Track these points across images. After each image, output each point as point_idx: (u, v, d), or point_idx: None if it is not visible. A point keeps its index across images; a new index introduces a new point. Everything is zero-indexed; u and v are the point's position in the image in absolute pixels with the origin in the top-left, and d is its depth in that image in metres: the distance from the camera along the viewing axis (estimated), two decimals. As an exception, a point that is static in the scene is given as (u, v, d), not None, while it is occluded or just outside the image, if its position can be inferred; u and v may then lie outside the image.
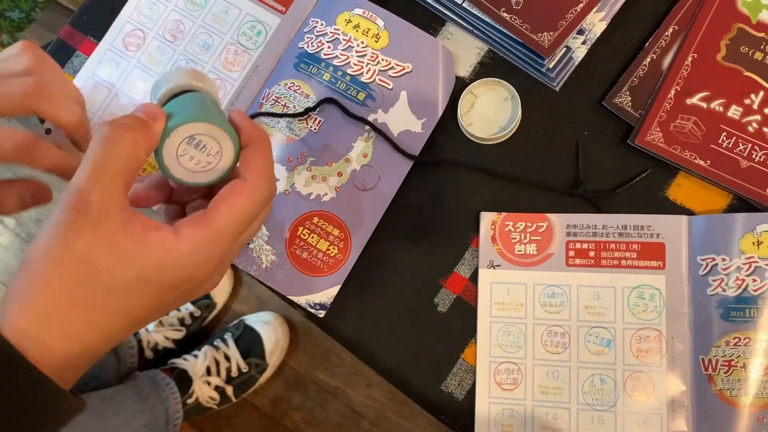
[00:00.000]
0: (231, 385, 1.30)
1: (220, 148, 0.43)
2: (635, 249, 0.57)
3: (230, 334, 1.32)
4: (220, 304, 1.40)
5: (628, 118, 0.59)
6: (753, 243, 0.55)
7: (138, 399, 1.10)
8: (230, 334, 1.32)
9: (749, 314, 0.54)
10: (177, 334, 1.33)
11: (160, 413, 1.13)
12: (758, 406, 0.53)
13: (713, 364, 0.54)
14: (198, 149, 0.42)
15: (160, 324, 1.32)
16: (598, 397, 0.56)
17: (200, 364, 1.27)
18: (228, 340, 1.31)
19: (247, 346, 1.32)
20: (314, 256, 0.61)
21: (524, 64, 0.61)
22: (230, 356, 1.30)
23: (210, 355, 1.29)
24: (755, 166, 0.57)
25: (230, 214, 0.40)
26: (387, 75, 0.62)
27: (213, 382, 1.28)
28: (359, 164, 0.62)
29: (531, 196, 0.60)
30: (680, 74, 0.59)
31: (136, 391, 1.11)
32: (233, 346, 1.30)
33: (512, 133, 0.61)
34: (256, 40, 0.64)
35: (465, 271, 0.60)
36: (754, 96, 0.58)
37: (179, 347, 1.34)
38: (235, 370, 1.29)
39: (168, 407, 1.15)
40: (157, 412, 1.12)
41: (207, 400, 1.28)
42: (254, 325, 1.34)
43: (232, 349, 1.30)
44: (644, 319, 0.56)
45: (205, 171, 0.43)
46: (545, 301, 0.58)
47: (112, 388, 1.08)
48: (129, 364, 1.25)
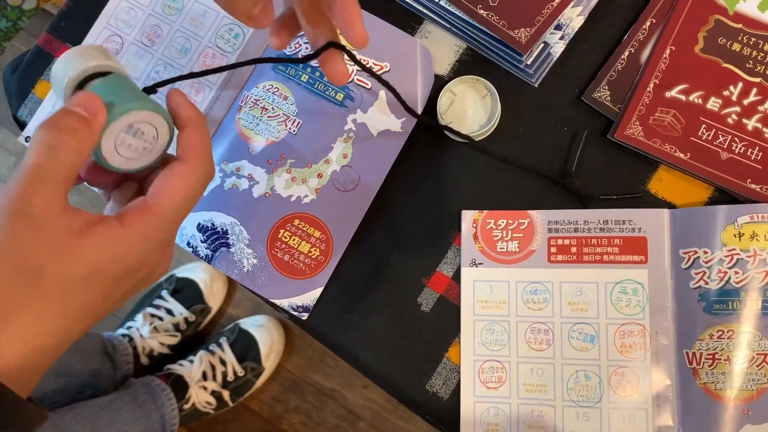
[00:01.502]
0: (227, 389, 1.29)
1: (157, 132, 0.42)
2: (617, 244, 0.57)
3: (225, 338, 1.32)
4: (215, 308, 1.39)
5: (608, 113, 0.59)
6: (734, 235, 0.54)
7: (134, 407, 1.09)
8: (225, 338, 1.32)
9: (732, 306, 0.54)
10: (172, 339, 1.33)
11: (156, 420, 1.12)
12: (743, 399, 0.53)
13: (697, 358, 0.54)
14: (136, 137, 0.41)
15: (155, 330, 1.31)
16: (582, 394, 0.56)
17: (196, 369, 1.27)
18: (223, 345, 1.31)
19: (242, 350, 1.31)
20: (296, 258, 0.61)
21: (503, 61, 0.61)
22: (226, 360, 1.29)
23: (206, 360, 1.28)
24: (735, 158, 0.56)
25: (173, 197, 0.39)
26: (365, 75, 0.62)
27: (209, 386, 1.27)
28: (339, 165, 0.61)
29: (512, 194, 0.60)
30: (658, 67, 0.58)
31: (131, 398, 1.10)
32: (228, 350, 1.30)
33: (492, 131, 0.61)
34: (234, 43, 0.64)
35: (448, 270, 0.60)
36: (733, 87, 0.58)
37: (175, 353, 1.34)
38: (231, 375, 1.29)
39: (164, 414, 1.14)
40: (153, 419, 1.11)
41: (204, 405, 1.27)
42: (249, 328, 1.34)
43: (228, 354, 1.30)
44: (627, 314, 0.56)
45: (141, 157, 0.42)
46: (528, 298, 0.58)
47: (107, 397, 1.07)
48: (125, 371, 1.25)
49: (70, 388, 1.07)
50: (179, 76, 0.50)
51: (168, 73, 0.64)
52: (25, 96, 0.67)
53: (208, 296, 1.37)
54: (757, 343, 0.53)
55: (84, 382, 1.11)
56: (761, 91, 0.57)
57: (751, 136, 0.57)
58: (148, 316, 1.32)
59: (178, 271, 1.40)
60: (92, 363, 1.13)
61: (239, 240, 0.61)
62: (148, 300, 1.36)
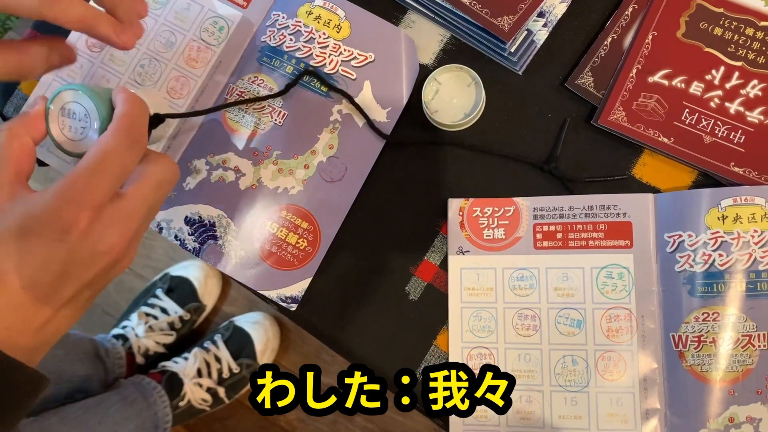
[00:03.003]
0: (223, 386, 1.29)
1: (86, 110, 0.46)
2: (602, 229, 0.57)
3: (220, 335, 1.32)
4: (210, 306, 1.39)
5: (592, 99, 0.59)
6: (718, 218, 0.55)
7: (123, 405, 1.08)
8: (220, 335, 1.32)
9: (717, 289, 0.54)
10: (167, 338, 1.33)
11: (148, 418, 1.12)
12: (729, 380, 0.53)
13: (683, 341, 0.54)
14: (71, 117, 0.46)
15: (151, 329, 1.31)
16: (570, 378, 0.56)
17: (190, 366, 1.27)
18: (218, 342, 1.31)
19: (237, 347, 1.31)
20: (284, 249, 0.61)
21: (486, 50, 0.61)
22: (221, 357, 1.29)
23: (200, 357, 1.28)
24: (718, 142, 0.57)
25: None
26: (350, 65, 0.62)
27: (204, 383, 1.27)
28: (326, 156, 0.62)
29: (498, 182, 0.60)
30: (641, 53, 0.59)
31: (120, 397, 1.10)
32: (223, 347, 1.30)
33: (477, 119, 0.61)
34: (219, 35, 0.64)
35: (435, 258, 0.60)
36: (715, 71, 0.58)
37: (170, 352, 1.34)
38: (226, 372, 1.29)
39: (156, 411, 1.14)
40: (144, 417, 1.11)
41: (199, 402, 1.27)
42: (244, 325, 1.34)
43: (223, 351, 1.30)
44: (614, 299, 0.56)
45: (84, 137, 0.47)
46: (515, 285, 0.58)
47: (95, 397, 1.06)
48: (117, 374, 1.24)
49: (61, 393, 1.07)
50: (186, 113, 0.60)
51: (153, 67, 0.64)
52: (11, 92, 0.67)
53: (202, 294, 1.37)
54: (741, 325, 0.54)
55: (75, 387, 1.10)
56: (743, 75, 0.57)
57: (733, 119, 0.57)
58: (143, 315, 1.32)
59: (172, 269, 1.40)
60: (83, 368, 1.13)
61: (226, 232, 0.62)
62: (142, 299, 1.36)
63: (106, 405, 1.06)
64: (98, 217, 0.40)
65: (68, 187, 0.40)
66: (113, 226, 0.41)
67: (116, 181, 0.41)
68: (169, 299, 1.34)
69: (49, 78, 0.65)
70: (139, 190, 0.43)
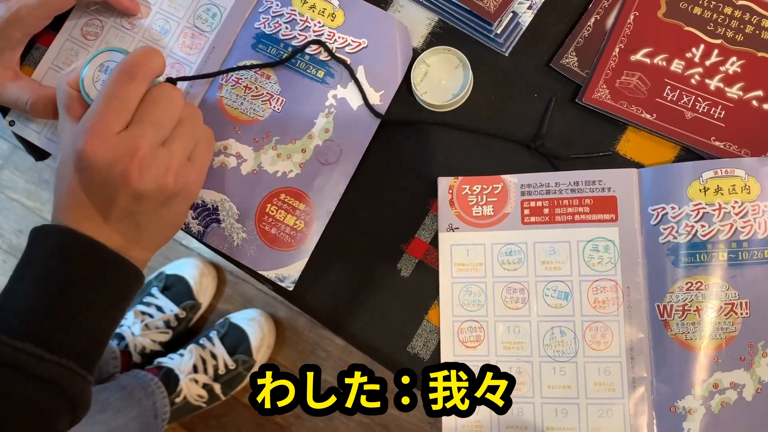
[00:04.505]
0: (219, 382, 1.30)
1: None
2: (588, 204, 0.59)
3: (215, 332, 1.33)
4: (205, 304, 1.40)
5: (576, 78, 0.61)
6: (699, 190, 0.56)
7: (122, 395, 1.10)
8: (215, 332, 1.33)
9: (700, 259, 0.56)
10: (163, 336, 1.33)
11: (148, 407, 1.13)
12: (713, 348, 0.55)
13: (668, 310, 0.56)
14: (104, 72, 0.56)
15: (146, 327, 1.32)
16: (558, 349, 0.57)
17: (186, 363, 1.27)
18: (213, 339, 1.31)
19: (233, 344, 1.32)
20: (282, 231, 0.62)
21: (473, 32, 0.62)
22: (216, 354, 1.30)
23: (196, 354, 1.29)
24: (699, 117, 0.58)
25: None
26: (344, 52, 0.64)
27: (200, 380, 1.27)
28: (321, 139, 0.63)
29: (486, 160, 0.62)
30: (623, 32, 0.60)
31: (119, 388, 1.11)
32: (219, 343, 1.30)
33: (465, 100, 0.62)
34: (212, 22, 0.65)
35: (426, 235, 0.61)
36: (695, 50, 0.59)
37: (167, 350, 1.34)
38: (222, 368, 1.29)
39: (155, 402, 1.15)
40: (144, 406, 1.12)
41: (195, 399, 1.27)
42: (239, 322, 1.34)
43: (218, 347, 1.30)
44: (600, 271, 0.58)
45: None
46: (503, 260, 0.59)
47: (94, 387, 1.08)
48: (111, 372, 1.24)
49: None
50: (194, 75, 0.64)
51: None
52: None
53: (197, 292, 1.37)
54: (724, 293, 0.55)
55: None
56: (722, 52, 0.59)
57: (713, 95, 0.58)
58: (139, 313, 1.33)
59: (167, 267, 1.41)
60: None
61: (229, 216, 0.63)
62: (138, 298, 1.36)
63: (106, 395, 1.07)
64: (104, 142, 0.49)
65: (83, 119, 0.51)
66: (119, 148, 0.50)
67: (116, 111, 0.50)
68: (165, 297, 1.35)
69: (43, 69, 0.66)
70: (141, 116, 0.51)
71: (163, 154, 0.52)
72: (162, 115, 0.52)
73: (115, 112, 0.50)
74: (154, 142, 0.51)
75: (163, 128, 0.52)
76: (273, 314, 1.39)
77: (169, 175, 0.52)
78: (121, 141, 0.50)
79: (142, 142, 0.50)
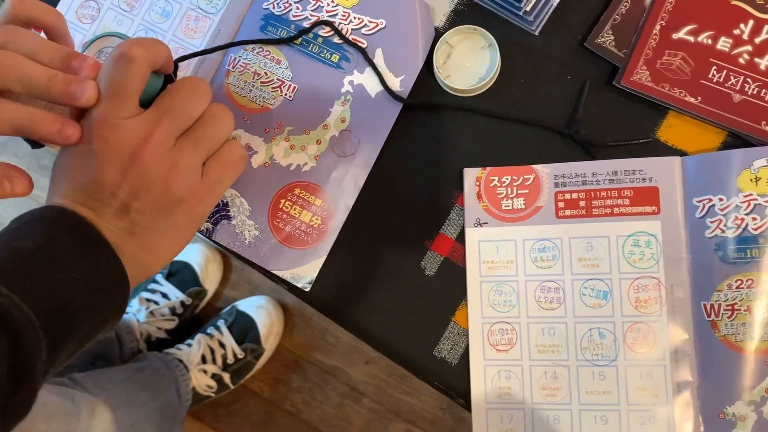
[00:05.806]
0: (228, 372, 1.28)
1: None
2: (627, 195, 0.54)
3: (223, 321, 1.31)
4: (211, 291, 1.37)
5: (613, 59, 0.56)
6: (751, 180, 0.52)
7: (156, 377, 1.14)
8: (223, 321, 1.31)
9: (751, 254, 0.52)
10: (169, 324, 1.31)
11: (174, 392, 1.17)
12: (765, 350, 0.51)
13: (716, 310, 0.52)
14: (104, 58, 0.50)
15: (152, 315, 1.30)
16: (597, 352, 0.54)
17: (194, 353, 1.26)
18: (221, 327, 1.29)
19: (241, 332, 1.30)
20: (297, 228, 0.58)
21: (500, 9, 0.58)
22: (225, 343, 1.28)
23: (204, 343, 1.27)
24: (748, 100, 0.54)
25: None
26: (360, 33, 0.59)
27: (209, 370, 1.26)
28: (338, 130, 0.59)
29: (516, 149, 0.57)
30: (664, 8, 0.56)
31: (153, 369, 1.16)
32: (227, 332, 1.29)
33: (492, 83, 0.58)
34: (217, 3, 0.60)
35: (451, 231, 0.57)
36: (743, 26, 0.55)
37: (173, 337, 1.32)
38: (230, 357, 1.28)
39: (179, 387, 1.18)
40: (171, 391, 1.16)
41: (204, 389, 1.26)
42: (247, 310, 1.32)
43: (226, 336, 1.28)
44: (641, 268, 0.54)
45: None
46: (536, 257, 0.55)
47: (132, 365, 1.15)
48: (131, 349, 1.26)
49: (85, 359, 1.17)
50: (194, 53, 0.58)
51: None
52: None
53: (203, 278, 1.35)
54: (777, 291, 0.51)
55: (96, 354, 1.19)
56: (773, 29, 0.54)
57: (764, 75, 0.54)
58: (144, 300, 1.31)
59: (171, 254, 1.38)
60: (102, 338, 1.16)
61: (240, 212, 0.59)
62: (143, 285, 1.34)
63: (145, 374, 1.13)
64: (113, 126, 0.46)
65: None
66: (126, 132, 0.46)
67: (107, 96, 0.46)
68: (170, 284, 1.33)
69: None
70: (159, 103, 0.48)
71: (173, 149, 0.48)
72: (181, 104, 0.48)
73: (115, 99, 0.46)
74: (170, 129, 0.47)
75: (181, 118, 0.48)
76: (280, 300, 1.36)
77: (173, 173, 0.47)
78: (136, 123, 0.46)
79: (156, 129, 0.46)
